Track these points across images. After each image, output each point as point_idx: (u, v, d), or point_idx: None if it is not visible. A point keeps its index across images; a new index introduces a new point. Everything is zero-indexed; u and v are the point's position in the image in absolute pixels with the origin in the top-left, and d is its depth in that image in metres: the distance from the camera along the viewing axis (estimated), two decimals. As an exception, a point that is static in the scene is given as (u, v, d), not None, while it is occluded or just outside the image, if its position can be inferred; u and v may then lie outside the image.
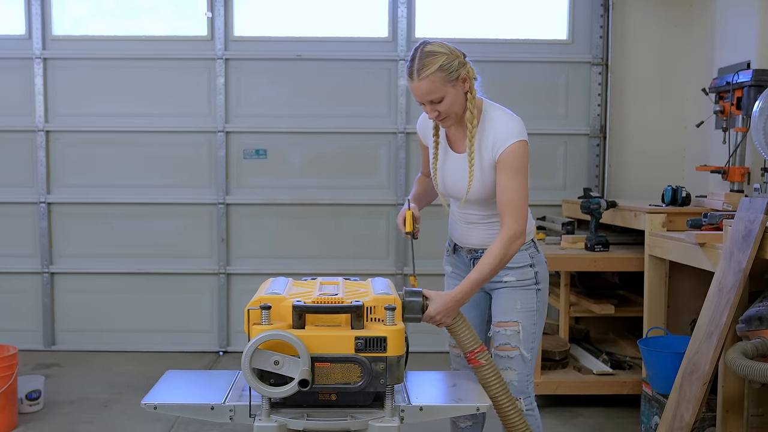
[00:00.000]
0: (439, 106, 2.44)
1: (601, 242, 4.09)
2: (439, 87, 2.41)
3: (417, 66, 2.40)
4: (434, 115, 2.47)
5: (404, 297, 2.34)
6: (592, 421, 3.95)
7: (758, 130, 3.38)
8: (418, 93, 2.43)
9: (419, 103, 2.48)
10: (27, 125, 5.23)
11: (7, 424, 3.73)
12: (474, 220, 2.65)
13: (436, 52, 2.42)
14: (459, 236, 2.72)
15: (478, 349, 2.43)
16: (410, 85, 2.45)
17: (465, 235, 2.69)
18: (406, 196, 2.71)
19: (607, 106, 5.23)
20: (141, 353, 5.24)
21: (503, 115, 2.53)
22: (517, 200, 2.47)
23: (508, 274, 2.60)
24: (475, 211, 2.63)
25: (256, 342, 1.99)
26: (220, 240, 5.29)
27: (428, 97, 2.42)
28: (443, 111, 2.45)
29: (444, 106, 2.44)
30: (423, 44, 2.45)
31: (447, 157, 2.63)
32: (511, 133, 2.47)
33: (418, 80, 2.40)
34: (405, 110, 5.22)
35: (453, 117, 2.49)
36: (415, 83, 2.42)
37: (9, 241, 5.28)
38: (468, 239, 2.69)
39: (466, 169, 2.54)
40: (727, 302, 2.91)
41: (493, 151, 2.48)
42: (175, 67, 5.24)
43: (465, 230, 2.68)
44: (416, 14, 5.23)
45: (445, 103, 2.44)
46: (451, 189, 2.64)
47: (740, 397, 3.07)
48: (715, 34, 4.69)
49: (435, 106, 2.44)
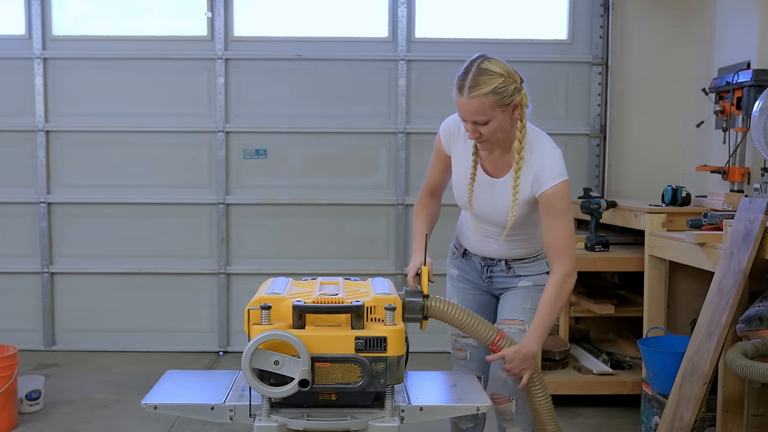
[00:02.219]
0: (482, 128, 2.31)
1: (601, 242, 4.09)
2: (488, 110, 2.28)
3: (470, 83, 2.28)
4: (475, 136, 2.34)
5: (404, 297, 2.34)
6: (592, 421, 3.95)
7: (758, 130, 3.38)
8: (465, 111, 2.31)
9: (461, 120, 2.36)
10: (27, 125, 5.23)
11: (7, 424, 3.73)
12: (492, 235, 2.58)
13: (494, 72, 2.30)
14: (473, 245, 2.66)
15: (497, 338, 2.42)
16: (457, 100, 2.32)
17: (480, 247, 2.63)
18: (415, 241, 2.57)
19: (607, 106, 5.23)
20: (141, 353, 5.24)
21: (547, 148, 2.43)
22: (564, 239, 2.42)
23: (525, 279, 2.59)
24: (496, 227, 2.55)
25: (256, 342, 1.99)
26: (220, 240, 5.29)
27: (474, 117, 2.30)
28: (485, 134, 2.33)
29: (488, 129, 2.32)
30: (481, 59, 2.34)
31: (482, 180, 2.50)
32: (554, 173, 2.39)
33: (468, 97, 2.28)
34: (405, 110, 5.22)
35: (494, 142, 2.39)
36: (463, 99, 2.29)
37: (9, 241, 5.28)
38: (483, 250, 2.63)
39: (505, 199, 2.45)
40: (727, 302, 2.91)
41: (534, 186, 2.40)
42: (175, 67, 5.24)
43: (481, 242, 2.62)
44: (416, 14, 5.23)
45: (490, 127, 2.32)
46: (486, 214, 2.53)
47: (740, 397, 3.07)
48: (715, 34, 4.69)
49: (478, 128, 2.32)
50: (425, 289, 2.37)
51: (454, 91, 2.34)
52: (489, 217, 2.53)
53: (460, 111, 2.34)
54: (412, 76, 5.22)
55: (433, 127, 5.16)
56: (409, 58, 5.21)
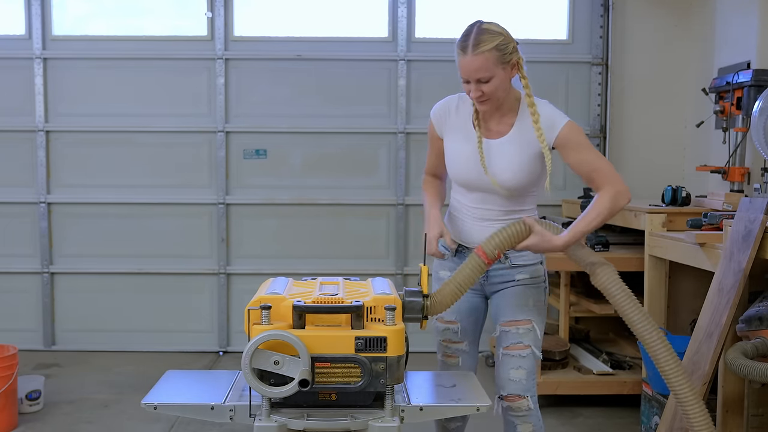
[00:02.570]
0: (485, 86, 2.39)
1: (601, 242, 4.09)
2: (491, 66, 2.37)
3: (473, 41, 2.38)
4: (477, 94, 2.41)
5: (404, 297, 2.33)
6: (592, 421, 3.95)
7: (758, 130, 3.38)
8: (469, 68, 2.37)
9: (463, 81, 2.42)
10: (27, 125, 5.23)
11: (7, 424, 3.73)
12: (490, 216, 2.56)
13: (494, 31, 2.42)
14: (468, 235, 2.61)
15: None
16: (461, 60, 2.39)
17: (476, 233, 2.57)
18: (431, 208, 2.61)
19: (607, 106, 5.23)
20: (141, 353, 5.24)
21: (540, 102, 2.52)
22: (604, 165, 2.46)
23: (521, 272, 2.58)
24: (496, 206, 2.56)
25: (256, 342, 1.99)
26: (220, 240, 5.29)
27: (478, 75, 2.37)
28: (487, 92, 2.40)
29: (490, 87, 2.40)
30: (480, 22, 2.45)
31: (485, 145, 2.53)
32: (559, 114, 2.49)
33: (472, 54, 2.36)
34: (405, 110, 5.22)
35: (494, 101, 2.45)
36: (468, 57, 2.37)
37: (9, 241, 5.29)
38: (480, 237, 2.52)
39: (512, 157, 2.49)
40: (727, 302, 2.91)
41: (548, 135, 2.46)
42: (175, 67, 5.24)
43: (477, 228, 2.58)
44: (416, 14, 5.23)
45: (492, 84, 2.40)
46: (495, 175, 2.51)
47: (740, 397, 3.07)
48: (715, 34, 4.69)
49: (481, 86, 2.39)
50: (425, 288, 2.37)
51: (456, 54, 2.42)
52: (498, 178, 2.51)
53: (464, 70, 2.40)
54: (412, 76, 5.22)
55: (433, 127, 5.22)
56: (409, 58, 5.21)
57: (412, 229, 5.29)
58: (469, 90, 2.44)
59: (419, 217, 5.28)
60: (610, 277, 2.39)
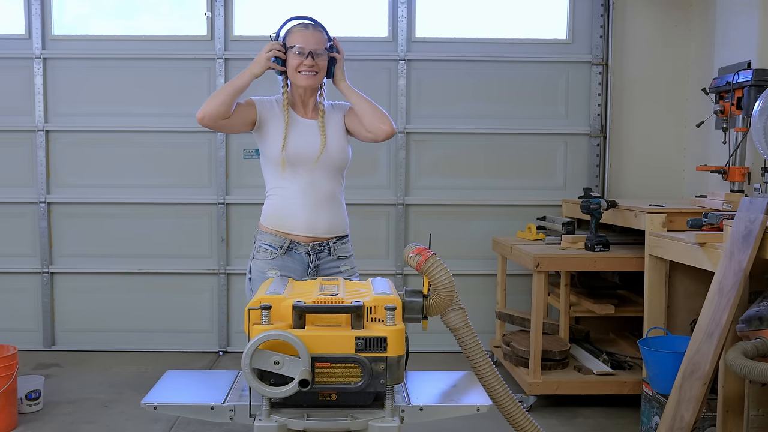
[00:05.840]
0: (319, 59, 2.87)
1: (601, 242, 4.09)
2: (323, 44, 2.88)
3: (314, 21, 2.91)
4: (311, 64, 2.85)
5: (404, 297, 2.34)
6: (592, 421, 3.95)
7: (758, 130, 3.38)
8: (310, 41, 2.84)
9: (300, 53, 2.84)
10: (27, 125, 5.23)
11: (7, 424, 3.73)
12: (336, 192, 2.97)
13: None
14: (307, 220, 2.87)
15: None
16: (302, 34, 2.85)
17: (319, 217, 2.89)
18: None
19: (607, 106, 5.23)
20: (141, 353, 5.24)
21: None
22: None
23: (345, 262, 2.93)
24: (332, 182, 2.94)
25: (256, 342, 1.99)
26: (220, 240, 5.29)
27: (317, 46, 2.86)
28: (320, 66, 2.89)
29: (321, 64, 2.90)
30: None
31: (299, 125, 2.94)
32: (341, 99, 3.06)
33: (314, 30, 2.88)
34: (405, 110, 5.22)
35: (318, 79, 2.92)
36: (309, 31, 2.86)
37: (9, 241, 5.29)
38: (317, 223, 2.88)
39: (334, 132, 2.97)
40: (727, 302, 2.91)
41: (343, 109, 3.03)
42: (175, 67, 5.24)
43: (314, 213, 2.88)
44: (416, 14, 5.23)
45: (321, 63, 2.90)
46: (306, 152, 2.90)
47: (740, 397, 3.08)
48: (715, 34, 4.69)
49: (317, 59, 2.86)
50: (425, 289, 2.37)
51: (297, 30, 2.88)
52: (330, 148, 2.93)
53: (308, 41, 2.85)
54: (412, 76, 5.22)
55: (433, 126, 5.23)
56: (409, 58, 5.20)
57: (412, 229, 5.29)
58: (307, 63, 2.90)
59: (420, 217, 5.28)
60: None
